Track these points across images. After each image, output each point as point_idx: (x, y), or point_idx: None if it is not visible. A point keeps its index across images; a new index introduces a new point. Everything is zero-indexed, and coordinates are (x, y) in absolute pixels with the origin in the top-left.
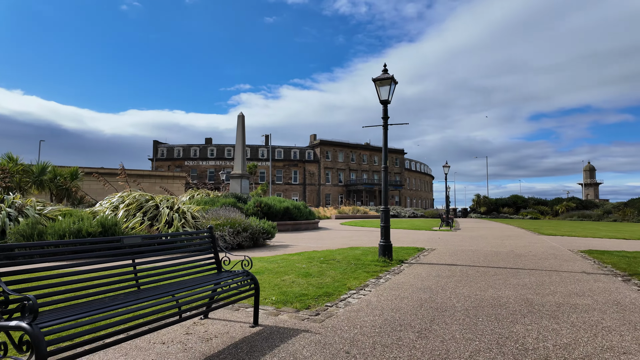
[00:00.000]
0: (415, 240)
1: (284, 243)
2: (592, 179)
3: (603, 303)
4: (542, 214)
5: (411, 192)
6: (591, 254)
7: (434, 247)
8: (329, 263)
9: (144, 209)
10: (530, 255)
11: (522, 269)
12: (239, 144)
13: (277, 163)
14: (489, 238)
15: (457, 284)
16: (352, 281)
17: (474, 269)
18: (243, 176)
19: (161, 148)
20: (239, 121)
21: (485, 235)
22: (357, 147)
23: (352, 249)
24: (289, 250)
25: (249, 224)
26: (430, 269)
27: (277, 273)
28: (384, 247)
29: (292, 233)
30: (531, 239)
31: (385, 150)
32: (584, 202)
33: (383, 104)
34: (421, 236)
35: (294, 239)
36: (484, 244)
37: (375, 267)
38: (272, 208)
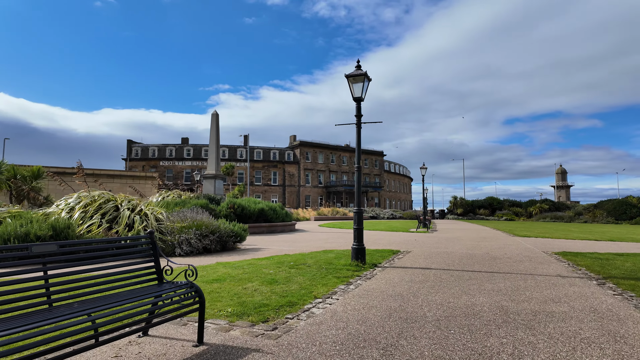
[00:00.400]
0: (392, 242)
1: (255, 246)
2: (564, 181)
3: (580, 310)
4: (517, 215)
5: (390, 193)
6: (565, 256)
7: (410, 249)
8: (298, 268)
9: (103, 211)
10: (505, 258)
11: (497, 273)
12: (212, 143)
13: (256, 164)
14: (464, 240)
15: (429, 290)
16: (320, 288)
17: (449, 272)
18: (217, 177)
19: (135, 148)
20: (212, 120)
21: (461, 237)
22: (337, 149)
23: (325, 252)
24: (259, 254)
25: (217, 227)
26: (404, 273)
27: (240, 280)
28: (356, 250)
29: (266, 235)
30: (506, 240)
31: (359, 149)
32: (556, 204)
33: (356, 102)
34: (398, 238)
35: (267, 242)
36: (459, 246)
37: (346, 272)
38: (246, 209)
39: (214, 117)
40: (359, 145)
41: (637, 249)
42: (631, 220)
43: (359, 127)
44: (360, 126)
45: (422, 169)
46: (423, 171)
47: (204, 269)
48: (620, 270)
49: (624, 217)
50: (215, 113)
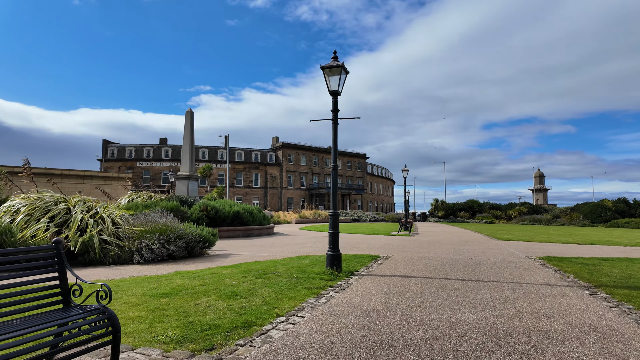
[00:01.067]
0: (372, 246)
1: (226, 252)
2: (542, 185)
3: (579, 328)
4: (497, 218)
5: (373, 196)
6: (550, 261)
7: (390, 254)
8: (266, 277)
9: (52, 213)
10: (489, 264)
11: (482, 281)
12: (187, 142)
13: (237, 165)
14: (446, 244)
15: (409, 304)
16: (285, 303)
17: (430, 281)
18: (191, 177)
19: (111, 148)
20: (187, 118)
21: (443, 240)
22: (320, 151)
23: (300, 259)
24: (228, 261)
25: (184, 232)
26: (382, 282)
27: (194, 294)
28: (332, 257)
29: (242, 240)
30: (488, 244)
31: (335, 146)
32: (534, 207)
33: (333, 95)
34: (378, 242)
35: (240, 247)
36: (441, 250)
37: (319, 282)
38: (220, 212)
39: (189, 115)
40: (335, 143)
41: (619, 253)
42: (606, 223)
43: (335, 123)
44: (336, 122)
45: (404, 171)
46: (405, 173)
47: (157, 279)
48: (609, 277)
49: (600, 220)
50: (190, 111)
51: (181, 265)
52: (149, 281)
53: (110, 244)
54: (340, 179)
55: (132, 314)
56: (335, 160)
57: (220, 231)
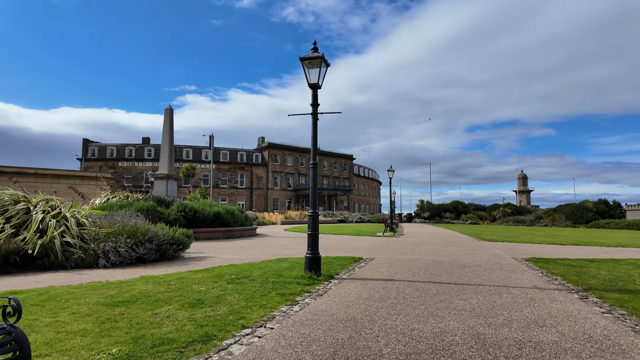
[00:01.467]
0: (356, 247)
1: (202, 255)
2: (525, 186)
3: (573, 339)
4: (481, 219)
5: (360, 197)
6: (536, 263)
7: (374, 256)
8: (239, 283)
9: (9, 214)
10: (474, 266)
11: (467, 285)
12: (165, 141)
13: (222, 166)
14: (431, 245)
15: (390, 312)
16: (255, 312)
17: (414, 285)
18: (170, 177)
19: (92, 147)
20: (166, 115)
21: (428, 241)
22: (306, 151)
23: (279, 261)
24: (202, 264)
25: (155, 233)
26: (363, 287)
27: (155, 302)
28: (311, 259)
29: (222, 241)
30: (473, 245)
31: (315, 143)
32: (518, 208)
33: (312, 89)
34: (363, 243)
35: (219, 249)
36: (426, 251)
37: (295, 287)
38: (198, 213)
39: (168, 113)
40: (314, 139)
41: (604, 254)
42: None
43: (315, 118)
44: (316, 117)
45: (390, 171)
46: (390, 174)
47: (119, 285)
48: (598, 280)
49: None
50: (169, 108)
51: (150, 269)
52: (108, 287)
53: (73, 246)
54: (326, 180)
55: (76, 327)
56: (314, 158)
57: (199, 233)
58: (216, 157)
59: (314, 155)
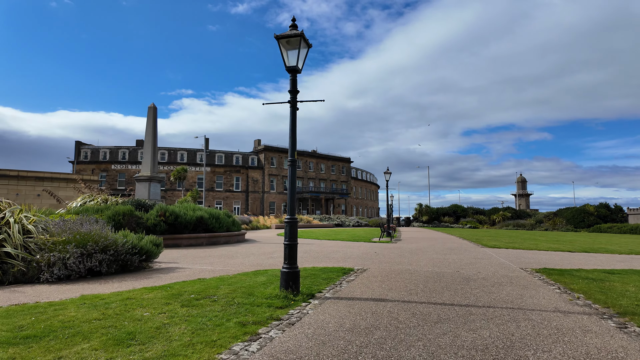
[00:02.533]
0: (348, 256)
1: (173, 265)
2: (524, 190)
3: None
4: (481, 223)
5: (357, 200)
6: (550, 276)
7: (366, 266)
8: (195, 305)
9: None
10: (480, 279)
11: (474, 307)
12: (148, 140)
13: (217, 169)
14: (430, 252)
15: (376, 353)
16: (196, 354)
17: (410, 308)
18: (152, 179)
19: (85, 150)
20: (149, 113)
21: (427, 248)
22: (303, 154)
23: (256, 275)
24: (165, 278)
25: (112, 241)
26: (347, 310)
27: (72, 337)
28: (287, 275)
29: (204, 249)
30: (476, 252)
31: (293, 136)
32: (518, 212)
33: (291, 73)
34: (356, 250)
35: (196, 258)
36: (425, 260)
37: (264, 312)
38: (180, 218)
39: (151, 111)
40: (293, 132)
41: (620, 264)
42: (589, 228)
43: (294, 107)
44: (295, 106)
45: (386, 173)
46: (387, 176)
47: (44, 310)
48: (629, 299)
49: (582, 225)
50: (153, 106)
51: (100, 285)
52: (28, 313)
53: (15, 257)
54: (324, 183)
55: None
56: (293, 154)
57: (181, 239)
58: (211, 160)
59: (293, 152)
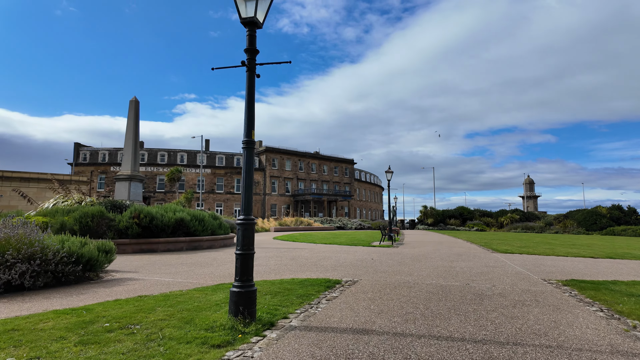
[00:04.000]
0: (340, 263)
1: (129, 275)
2: (532, 191)
3: None
4: (488, 225)
5: (361, 203)
6: (583, 291)
7: (358, 276)
8: (99, 342)
9: None
10: (496, 296)
11: (495, 345)
12: (129, 136)
13: (218, 170)
14: (435, 258)
15: None
16: None
17: (402, 347)
18: (133, 178)
19: (83, 151)
20: (130, 107)
21: (431, 253)
22: (305, 156)
23: (214, 291)
24: (104, 294)
25: (41, 248)
26: (311, 353)
27: None
28: (238, 297)
29: (182, 254)
30: (487, 259)
31: (251, 109)
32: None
33: (247, 27)
34: (352, 256)
35: (161, 267)
36: (428, 269)
37: (189, 355)
38: (156, 220)
39: (132, 105)
40: (250, 104)
41: None
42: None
43: (252, 71)
44: (254, 69)
45: (388, 172)
46: (389, 175)
47: None
48: None
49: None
50: (135, 99)
51: (7, 305)
52: None
53: None
54: (326, 185)
55: None
56: (249, 134)
57: (157, 244)
58: (212, 162)
59: (249, 130)
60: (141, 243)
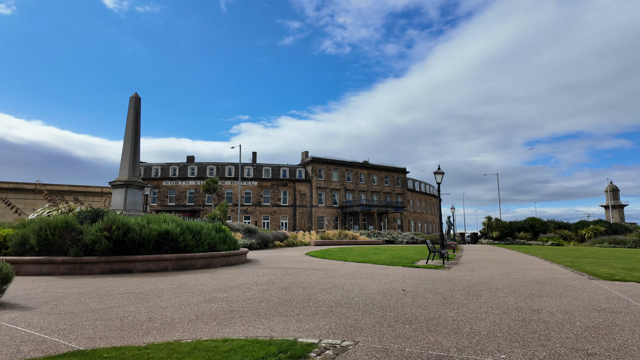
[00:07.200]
0: (350, 297)
1: (11, 314)
2: (616, 200)
3: None
4: (565, 239)
5: (415, 214)
6: None
7: (354, 337)
8: None
9: None
10: None
11: None
12: (128, 137)
13: (264, 183)
14: (503, 290)
15: None
16: None
17: None
18: (130, 184)
19: None
20: (130, 105)
21: (497, 279)
22: (353, 165)
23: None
24: None
25: None
26: None
27: None
28: None
29: (161, 276)
30: (587, 292)
31: None
32: (613, 225)
33: None
34: (377, 283)
35: (80, 301)
36: (491, 317)
37: None
38: (132, 232)
39: (132, 102)
40: None
41: None
42: None
43: None
44: None
45: (437, 173)
46: (438, 177)
47: None
48: None
49: None
50: (135, 96)
51: None
52: None
53: None
54: (376, 196)
55: None
56: None
57: (134, 262)
58: (258, 174)
59: None
60: (112, 262)
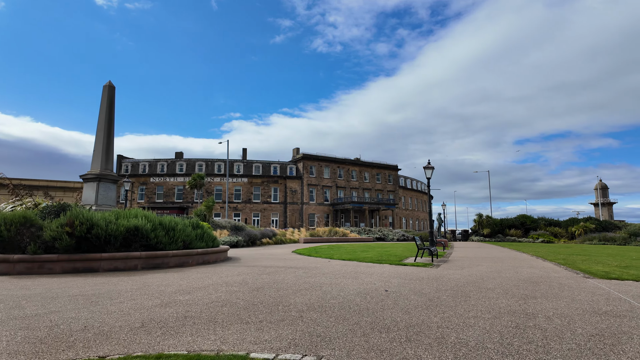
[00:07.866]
0: (327, 299)
1: None
2: (605, 197)
3: None
4: (556, 236)
5: (407, 212)
6: None
7: (318, 351)
8: None
9: None
10: None
11: None
12: (101, 127)
13: (255, 180)
14: (494, 291)
15: None
16: None
17: None
18: (103, 178)
19: (125, 163)
20: (103, 93)
21: (488, 278)
22: (345, 162)
23: None
24: None
25: None
26: None
27: None
28: None
29: (127, 275)
30: (585, 292)
31: None
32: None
33: None
34: (357, 283)
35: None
36: (481, 323)
37: None
38: (97, 228)
39: (106, 90)
40: None
41: None
42: None
43: None
44: None
45: (427, 168)
46: (428, 172)
47: None
48: None
49: None
50: (109, 84)
51: None
52: None
53: None
54: (368, 193)
55: None
56: None
57: (99, 261)
58: (248, 171)
59: None
60: (75, 260)
